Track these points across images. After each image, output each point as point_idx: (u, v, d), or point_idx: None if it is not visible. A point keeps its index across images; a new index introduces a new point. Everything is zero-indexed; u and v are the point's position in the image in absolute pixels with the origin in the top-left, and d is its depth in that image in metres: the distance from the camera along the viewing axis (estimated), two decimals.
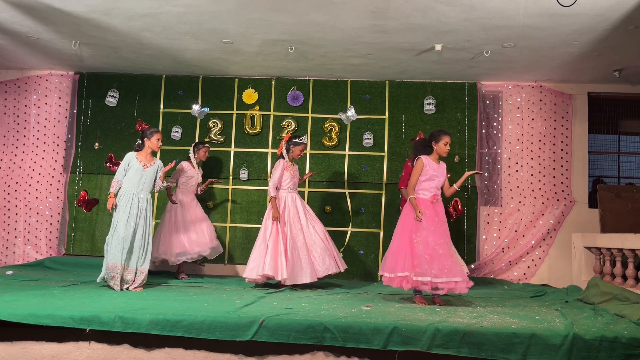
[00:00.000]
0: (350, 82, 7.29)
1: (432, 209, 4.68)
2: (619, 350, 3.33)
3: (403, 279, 4.54)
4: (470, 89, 7.17)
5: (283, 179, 5.70)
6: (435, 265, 4.45)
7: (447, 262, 4.48)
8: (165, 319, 3.54)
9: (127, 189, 5.19)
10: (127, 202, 5.13)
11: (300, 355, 3.54)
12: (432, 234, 4.56)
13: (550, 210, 6.97)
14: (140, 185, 5.22)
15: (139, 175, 5.22)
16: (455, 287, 4.46)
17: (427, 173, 4.72)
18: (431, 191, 4.73)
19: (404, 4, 5.02)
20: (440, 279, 4.43)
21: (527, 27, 5.43)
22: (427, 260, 4.47)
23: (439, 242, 4.55)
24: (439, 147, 4.76)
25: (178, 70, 7.24)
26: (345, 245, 6.97)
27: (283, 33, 5.82)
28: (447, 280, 4.43)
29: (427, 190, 4.73)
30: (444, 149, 4.76)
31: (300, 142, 5.78)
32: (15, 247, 7.32)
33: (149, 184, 5.29)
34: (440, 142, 4.75)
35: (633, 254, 5.13)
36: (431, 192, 4.73)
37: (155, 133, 5.32)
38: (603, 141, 7.33)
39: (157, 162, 5.38)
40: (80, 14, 5.51)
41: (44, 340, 3.62)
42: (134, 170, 5.23)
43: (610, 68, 6.55)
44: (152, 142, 5.30)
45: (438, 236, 4.57)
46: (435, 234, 4.57)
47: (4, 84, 7.54)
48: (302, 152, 5.86)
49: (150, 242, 5.23)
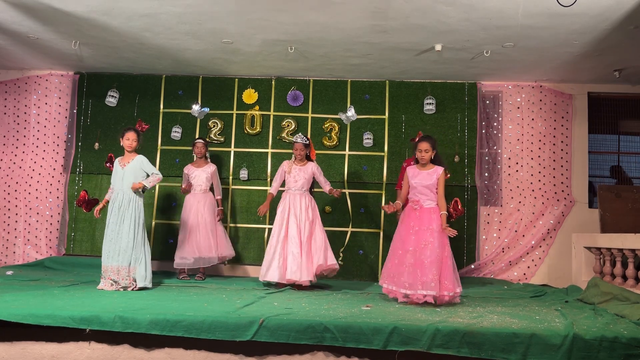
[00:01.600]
0: (350, 82, 7.29)
1: (415, 216, 4.76)
2: (619, 350, 3.33)
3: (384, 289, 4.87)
4: (470, 89, 7.17)
5: (286, 180, 5.82)
6: (392, 272, 4.71)
7: (393, 269, 4.69)
8: (165, 319, 3.54)
9: (114, 191, 5.30)
10: (112, 203, 5.23)
11: (300, 355, 3.54)
12: (399, 242, 4.77)
13: (550, 210, 6.97)
14: (123, 185, 5.25)
15: (120, 175, 5.28)
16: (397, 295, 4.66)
17: (407, 182, 4.93)
18: (413, 197, 4.85)
19: (404, 4, 5.02)
20: (390, 286, 4.72)
21: (527, 27, 5.43)
22: (386, 268, 4.82)
23: (403, 250, 4.68)
24: (416, 154, 4.90)
25: (178, 70, 7.24)
26: (345, 245, 6.97)
27: (283, 33, 5.82)
28: (392, 288, 4.69)
29: (410, 198, 4.88)
30: (418, 156, 4.87)
31: (294, 141, 5.88)
32: (15, 247, 7.32)
33: (130, 182, 5.24)
34: (416, 149, 4.90)
35: (633, 254, 5.13)
36: (414, 198, 4.84)
37: (126, 132, 5.36)
38: (603, 141, 7.33)
39: (136, 158, 5.33)
40: (80, 14, 5.51)
41: (44, 340, 3.62)
42: (115, 172, 5.35)
43: (610, 68, 6.55)
44: (123, 141, 5.35)
45: (405, 244, 4.69)
46: (403, 242, 4.72)
47: (4, 84, 7.54)
48: (299, 151, 5.80)
49: (144, 242, 5.22)
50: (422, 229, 4.67)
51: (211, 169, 6.48)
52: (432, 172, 4.81)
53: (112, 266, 5.08)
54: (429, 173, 4.81)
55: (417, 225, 4.70)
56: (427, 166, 4.84)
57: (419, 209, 4.76)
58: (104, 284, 5.08)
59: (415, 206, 4.78)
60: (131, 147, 5.32)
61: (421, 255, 4.56)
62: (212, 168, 6.51)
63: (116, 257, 5.08)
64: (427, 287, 4.46)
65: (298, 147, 5.81)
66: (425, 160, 4.82)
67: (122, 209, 5.17)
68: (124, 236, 5.11)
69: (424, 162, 4.83)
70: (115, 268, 5.07)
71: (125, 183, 5.23)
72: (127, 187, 5.22)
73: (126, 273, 5.08)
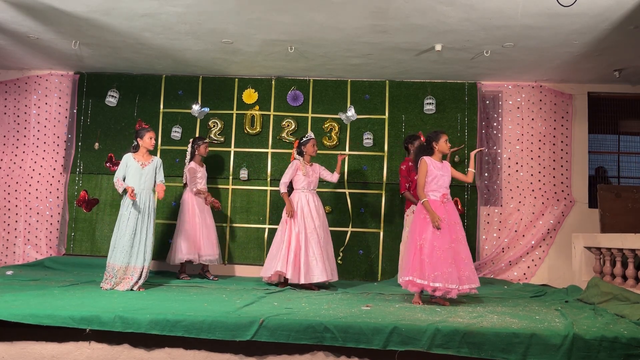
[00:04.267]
0: (350, 82, 7.29)
1: (443, 210, 4.71)
2: (619, 350, 3.33)
3: (409, 282, 4.63)
4: (470, 89, 7.17)
5: (297, 179, 5.83)
6: (435, 269, 4.51)
7: (445, 267, 4.52)
8: (165, 319, 3.54)
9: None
10: (130, 202, 5.17)
11: (300, 355, 3.54)
12: (436, 238, 4.60)
13: (550, 210, 6.97)
14: (142, 185, 5.24)
15: (139, 174, 5.25)
16: (450, 292, 4.54)
17: (432, 173, 4.75)
18: (440, 191, 4.75)
19: (404, 4, 5.02)
20: (436, 283, 4.50)
21: (527, 27, 5.43)
22: (427, 263, 4.54)
23: (442, 246, 4.58)
24: (440, 145, 4.80)
25: (178, 70, 7.24)
26: (345, 245, 6.97)
27: (283, 33, 5.82)
28: (441, 285, 4.50)
29: (436, 191, 4.76)
30: (445, 147, 4.82)
31: (309, 139, 5.94)
32: (15, 247, 7.32)
33: (149, 182, 5.31)
34: (441, 140, 4.81)
35: (633, 254, 5.12)
36: (440, 192, 4.75)
37: (147, 132, 5.36)
38: (603, 141, 7.33)
39: (155, 160, 5.41)
40: (80, 14, 5.51)
41: (44, 340, 3.63)
42: (133, 170, 5.26)
43: (610, 68, 6.55)
44: (145, 141, 5.34)
45: (442, 240, 4.59)
46: (440, 237, 4.60)
47: (4, 84, 7.54)
48: (315, 147, 5.96)
49: (150, 241, 5.23)
50: (451, 224, 4.69)
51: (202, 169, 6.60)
52: (445, 163, 4.87)
53: (136, 266, 5.07)
54: (445, 165, 4.84)
55: (448, 220, 4.68)
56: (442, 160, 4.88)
57: (447, 202, 4.77)
58: (106, 282, 5.05)
59: (445, 199, 4.75)
60: (153, 147, 5.40)
61: (458, 250, 4.62)
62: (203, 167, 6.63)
63: (131, 255, 5.08)
64: (469, 281, 4.55)
65: (314, 143, 5.94)
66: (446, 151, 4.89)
67: (143, 208, 5.17)
68: (140, 236, 5.14)
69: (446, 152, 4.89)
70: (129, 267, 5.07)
71: (144, 182, 5.24)
72: (147, 187, 5.25)
73: (136, 271, 5.09)
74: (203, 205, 6.37)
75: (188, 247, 6.15)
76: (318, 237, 5.62)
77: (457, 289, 4.52)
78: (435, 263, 4.53)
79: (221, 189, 7.18)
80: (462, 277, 4.56)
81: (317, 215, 5.73)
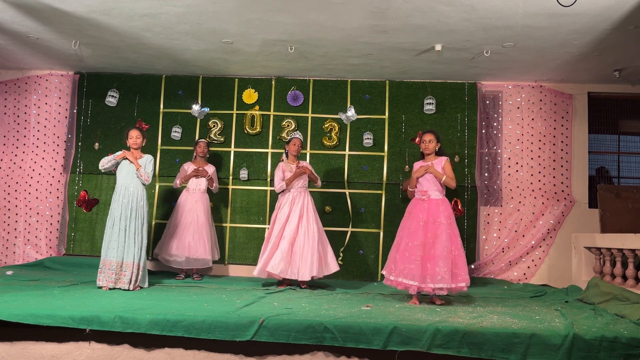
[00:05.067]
0: (350, 82, 7.29)
1: (423, 207, 4.78)
2: (619, 350, 3.34)
3: (386, 279, 4.83)
4: (470, 89, 7.17)
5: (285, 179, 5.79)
6: (402, 264, 4.65)
7: (408, 264, 4.61)
8: (165, 319, 3.54)
9: (119, 184, 5.28)
10: (119, 197, 5.21)
11: (300, 355, 3.54)
12: (408, 235, 4.73)
13: (550, 210, 6.97)
14: (128, 179, 5.26)
15: (127, 168, 5.29)
16: (409, 288, 4.62)
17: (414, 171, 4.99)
18: (420, 188, 4.88)
19: (404, 4, 5.02)
20: (398, 278, 4.65)
21: (527, 27, 5.43)
22: (397, 259, 4.72)
23: (412, 242, 4.66)
24: (421, 147, 4.98)
25: (178, 70, 7.24)
26: (345, 245, 6.97)
27: (283, 33, 5.82)
28: (403, 280, 4.62)
29: (418, 189, 4.91)
30: (423, 147, 4.96)
31: (291, 138, 5.92)
32: (15, 247, 7.32)
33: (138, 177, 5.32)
34: (421, 142, 4.97)
35: (633, 254, 5.13)
36: (421, 189, 4.87)
37: (129, 131, 5.41)
38: (603, 141, 7.33)
39: (145, 157, 5.41)
40: (80, 14, 5.51)
41: (44, 340, 3.63)
42: (122, 165, 5.33)
43: (610, 68, 6.55)
44: (128, 141, 5.39)
45: (413, 237, 4.68)
46: (412, 234, 4.70)
47: (4, 84, 7.54)
48: (298, 146, 5.88)
49: (144, 237, 5.23)
50: (429, 222, 4.69)
51: (211, 170, 6.50)
52: (436, 162, 4.88)
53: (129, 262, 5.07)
54: (434, 163, 4.86)
55: (425, 218, 4.71)
56: (431, 157, 4.92)
57: (427, 200, 4.80)
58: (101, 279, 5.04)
59: (424, 197, 4.81)
60: (137, 144, 5.37)
61: (431, 249, 4.60)
62: (212, 169, 6.54)
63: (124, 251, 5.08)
64: (436, 281, 4.50)
65: (298, 142, 5.88)
66: (430, 150, 4.90)
67: (131, 203, 5.18)
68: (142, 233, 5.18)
69: (429, 152, 4.92)
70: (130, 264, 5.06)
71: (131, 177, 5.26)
72: (137, 183, 5.26)
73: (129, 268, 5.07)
74: (200, 206, 6.33)
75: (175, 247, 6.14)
76: (304, 236, 5.58)
77: (417, 286, 4.55)
78: (402, 259, 4.67)
79: (221, 189, 7.18)
80: (428, 276, 4.54)
81: (305, 212, 5.67)
